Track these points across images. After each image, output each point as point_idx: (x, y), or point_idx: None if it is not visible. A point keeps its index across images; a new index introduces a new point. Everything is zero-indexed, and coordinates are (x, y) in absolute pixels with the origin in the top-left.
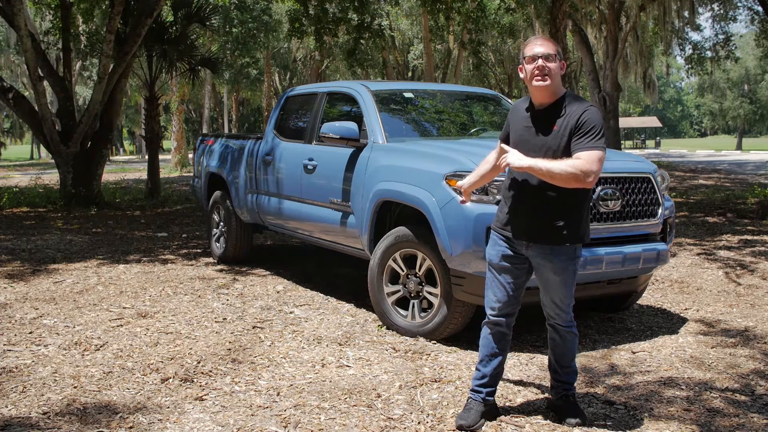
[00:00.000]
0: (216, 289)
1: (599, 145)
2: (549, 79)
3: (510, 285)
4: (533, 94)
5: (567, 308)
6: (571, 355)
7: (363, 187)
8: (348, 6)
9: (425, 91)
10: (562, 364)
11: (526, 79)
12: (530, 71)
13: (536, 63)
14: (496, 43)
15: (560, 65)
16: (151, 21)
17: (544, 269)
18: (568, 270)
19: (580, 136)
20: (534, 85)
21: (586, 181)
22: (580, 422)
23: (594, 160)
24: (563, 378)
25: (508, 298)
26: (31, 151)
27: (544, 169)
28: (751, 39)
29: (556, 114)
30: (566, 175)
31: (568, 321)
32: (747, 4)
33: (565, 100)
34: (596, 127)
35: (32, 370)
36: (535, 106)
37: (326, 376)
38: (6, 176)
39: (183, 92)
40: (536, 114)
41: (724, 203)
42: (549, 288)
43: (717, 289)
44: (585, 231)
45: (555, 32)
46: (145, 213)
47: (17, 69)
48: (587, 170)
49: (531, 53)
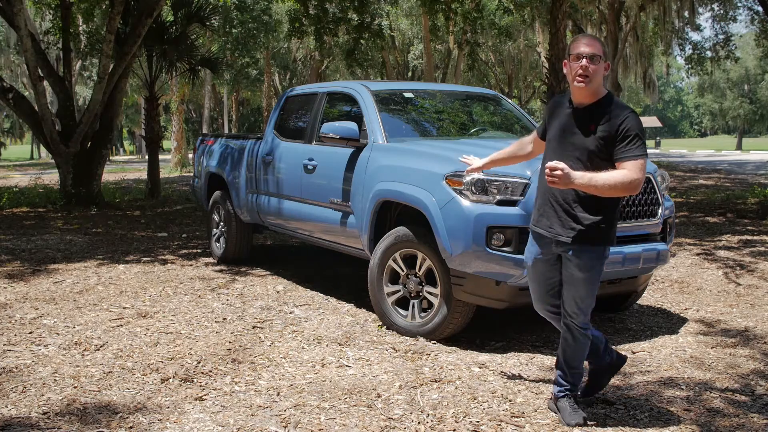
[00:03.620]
0: (216, 289)
1: (642, 152)
2: (591, 80)
3: (549, 282)
4: (574, 93)
5: (586, 309)
6: (580, 358)
7: (363, 187)
8: (348, 6)
9: (425, 91)
10: (570, 365)
11: (568, 76)
12: (574, 70)
13: (580, 62)
14: (496, 43)
15: (604, 66)
16: (151, 21)
17: (569, 266)
18: (593, 270)
19: (623, 144)
20: (575, 85)
21: (632, 191)
22: (581, 423)
23: (638, 168)
24: (569, 379)
25: (549, 295)
26: (31, 151)
27: (590, 184)
28: (751, 39)
29: (595, 115)
30: (613, 188)
31: (585, 323)
32: (747, 4)
33: (606, 102)
34: (638, 135)
35: (32, 370)
36: (574, 104)
37: (326, 376)
38: (6, 176)
39: (183, 92)
40: (576, 113)
41: (724, 203)
42: (572, 286)
43: (717, 289)
44: (614, 233)
45: (555, 32)
46: (145, 213)
47: (17, 69)
48: (633, 179)
49: (576, 52)
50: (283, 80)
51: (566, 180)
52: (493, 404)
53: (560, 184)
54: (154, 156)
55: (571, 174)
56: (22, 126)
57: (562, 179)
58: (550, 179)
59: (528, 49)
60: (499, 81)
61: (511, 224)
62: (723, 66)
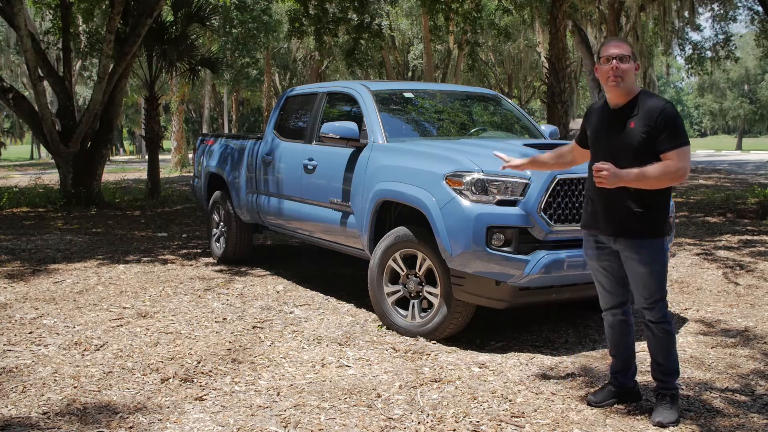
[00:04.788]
0: (216, 289)
1: (685, 140)
2: (623, 79)
3: (611, 279)
4: (609, 94)
5: (655, 303)
6: (663, 353)
7: (363, 187)
8: (348, 6)
9: (425, 91)
10: (656, 360)
11: (602, 79)
12: (605, 72)
13: (610, 64)
14: (496, 43)
15: (634, 66)
16: (151, 21)
17: (631, 262)
18: (654, 263)
19: (665, 135)
20: (609, 86)
21: (681, 179)
22: (661, 423)
23: (682, 156)
24: (658, 376)
25: (613, 292)
26: (31, 151)
27: (638, 180)
28: (751, 39)
29: (631, 113)
30: (661, 180)
31: (659, 317)
32: (747, 4)
33: (641, 98)
34: (677, 124)
35: (32, 370)
36: (611, 106)
37: (326, 376)
38: (6, 176)
39: (183, 92)
40: (612, 113)
41: (724, 203)
42: (637, 281)
43: (717, 289)
44: (668, 223)
45: (555, 32)
46: (145, 213)
47: (17, 69)
48: (679, 168)
49: (606, 54)
50: (283, 80)
51: (613, 179)
52: (493, 404)
53: (608, 184)
54: (154, 156)
55: (617, 172)
56: (22, 126)
57: (609, 178)
58: (598, 180)
59: (528, 49)
60: (499, 81)
61: (511, 224)
62: (723, 66)
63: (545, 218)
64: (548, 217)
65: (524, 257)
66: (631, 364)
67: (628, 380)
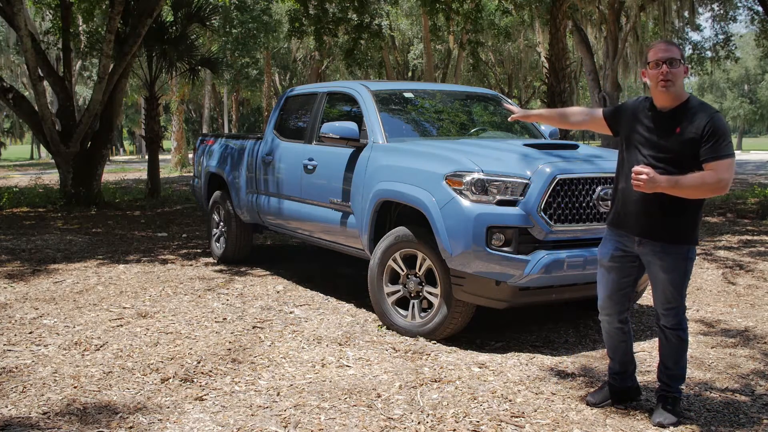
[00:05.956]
0: (216, 289)
1: (729, 152)
2: (673, 83)
3: (617, 284)
4: (656, 98)
5: (672, 310)
6: (674, 359)
7: (363, 187)
8: (348, 6)
9: (425, 91)
10: (666, 364)
11: (651, 83)
12: (654, 76)
13: (660, 68)
14: (496, 43)
15: (683, 69)
16: (151, 21)
17: (654, 267)
18: (678, 270)
19: (709, 145)
20: (658, 90)
21: (721, 191)
22: (661, 424)
23: (726, 168)
24: (663, 378)
25: (614, 297)
26: (31, 151)
27: (676, 187)
28: (751, 39)
29: (678, 118)
30: (700, 190)
31: (674, 323)
32: (747, 4)
33: (689, 104)
34: (724, 135)
35: (32, 370)
36: (657, 108)
37: (326, 376)
38: (6, 176)
39: (183, 92)
40: (659, 116)
41: (724, 203)
42: (658, 287)
43: (717, 289)
44: (697, 233)
45: (555, 32)
46: (145, 213)
47: (17, 69)
48: (721, 179)
49: (655, 59)
50: (283, 80)
51: (651, 184)
52: (493, 404)
53: (645, 188)
54: (154, 156)
55: (656, 178)
56: (22, 126)
57: (648, 183)
58: (636, 183)
59: (528, 49)
60: (499, 81)
61: (511, 224)
62: (723, 66)
63: (545, 218)
64: (548, 217)
65: (524, 257)
66: (628, 367)
67: (627, 380)
